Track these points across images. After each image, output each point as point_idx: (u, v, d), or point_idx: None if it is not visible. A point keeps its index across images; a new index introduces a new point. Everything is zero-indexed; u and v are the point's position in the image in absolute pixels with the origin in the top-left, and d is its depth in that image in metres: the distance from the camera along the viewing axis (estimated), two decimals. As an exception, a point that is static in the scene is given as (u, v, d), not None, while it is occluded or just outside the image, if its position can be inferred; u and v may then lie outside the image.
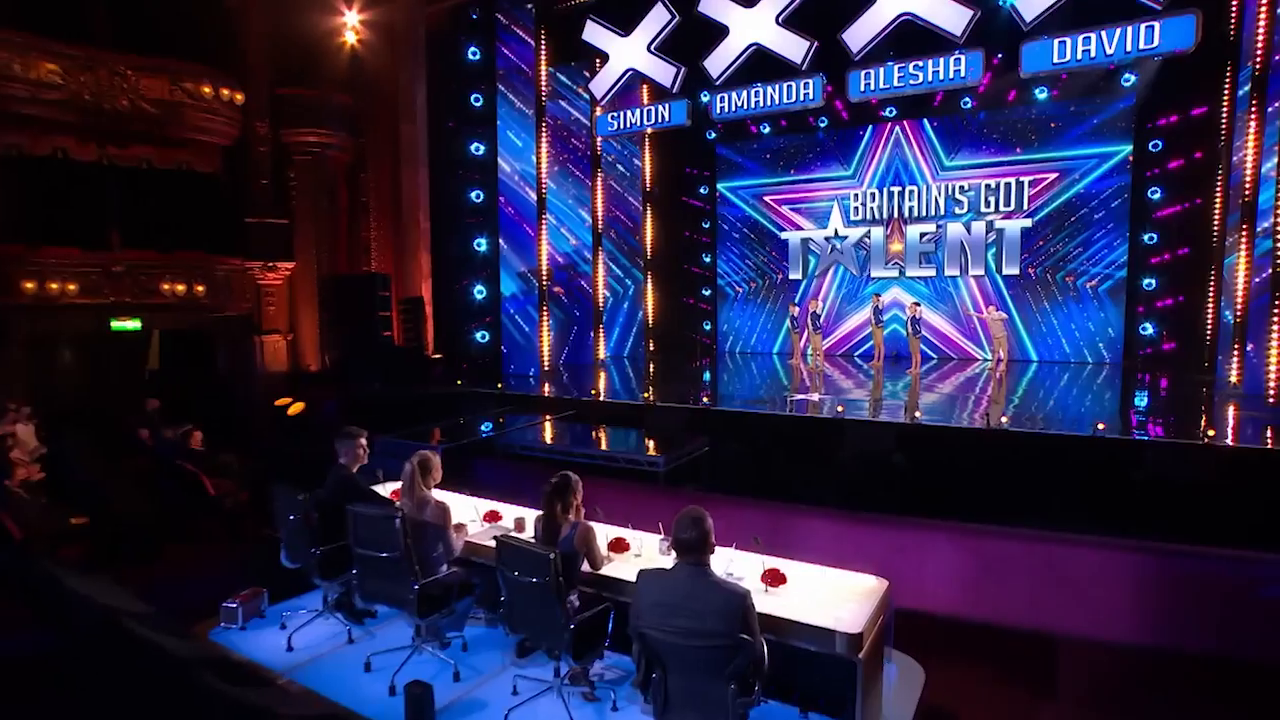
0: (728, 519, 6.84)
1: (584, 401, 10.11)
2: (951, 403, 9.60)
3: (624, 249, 15.58)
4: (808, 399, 9.88)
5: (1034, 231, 13.52)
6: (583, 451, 8.05)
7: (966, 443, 7.60)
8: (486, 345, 12.34)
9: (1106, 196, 12.94)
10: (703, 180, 16.70)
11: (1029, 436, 7.34)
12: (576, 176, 13.99)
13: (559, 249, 13.55)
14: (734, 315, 16.65)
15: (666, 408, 9.48)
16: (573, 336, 14.06)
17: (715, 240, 16.65)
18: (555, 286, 13.47)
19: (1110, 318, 13.07)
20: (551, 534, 4.10)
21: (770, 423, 8.78)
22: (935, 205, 14.22)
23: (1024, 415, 8.39)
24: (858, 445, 8.01)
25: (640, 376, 13.37)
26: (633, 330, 15.95)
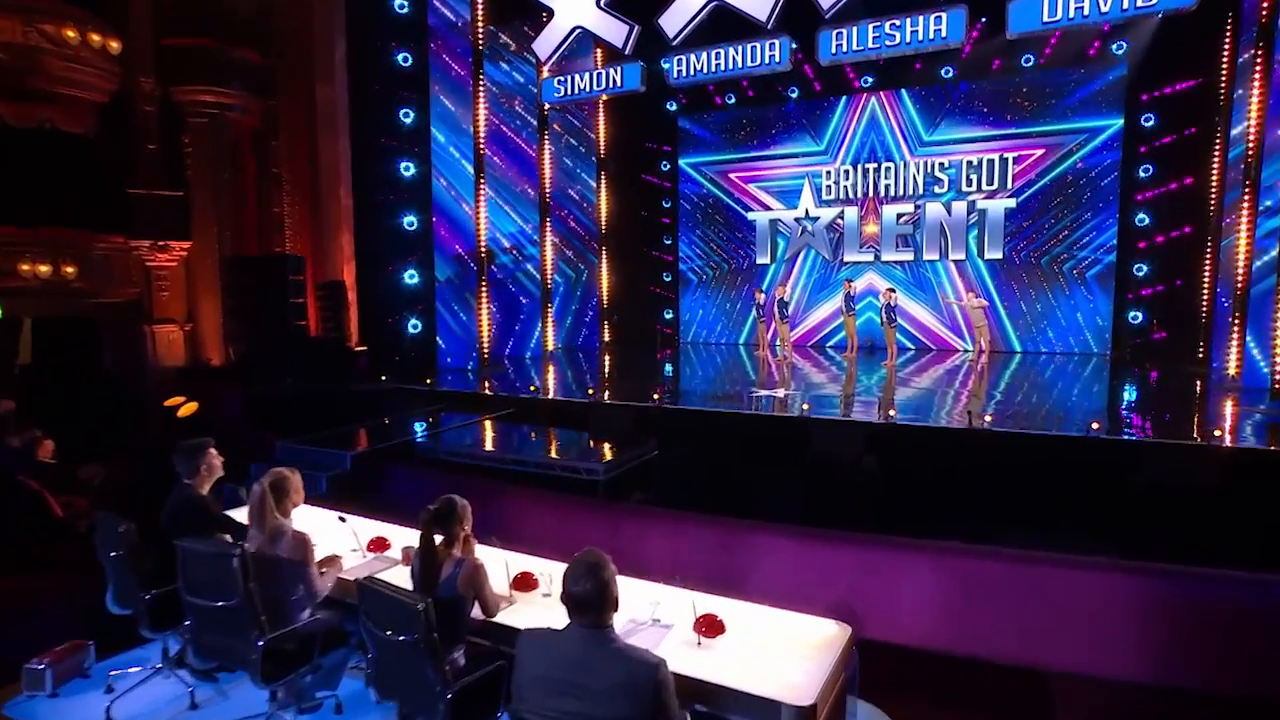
0: (672, 538, 6.29)
1: (523, 399, 9.53)
2: (930, 399, 9.28)
3: (576, 230, 15.09)
4: (773, 395, 9.40)
5: (1018, 212, 13.35)
6: (514, 457, 7.40)
7: (946, 444, 7.23)
8: (419, 336, 11.67)
9: (1096, 174, 12.76)
10: (663, 155, 16.25)
11: (1014, 437, 6.97)
12: (521, 149, 13.35)
13: (501, 229, 12.95)
14: (697, 302, 16.32)
15: (613, 406, 8.95)
16: (518, 326, 13.51)
17: (676, 221, 16.25)
18: (497, 271, 12.95)
19: (1099, 305, 12.93)
20: (430, 575, 3.39)
21: (728, 423, 8.30)
22: (913, 184, 14.00)
23: (1008, 412, 8.12)
24: (825, 448, 7.54)
25: (592, 370, 12.96)
26: (586, 319, 15.50)
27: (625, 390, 10.41)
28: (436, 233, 11.66)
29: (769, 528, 5.97)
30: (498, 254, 12.98)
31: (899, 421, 7.67)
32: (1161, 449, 6.56)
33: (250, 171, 12.71)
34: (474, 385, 10.83)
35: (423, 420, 8.94)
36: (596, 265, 15.48)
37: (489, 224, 12.49)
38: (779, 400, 9.08)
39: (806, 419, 7.91)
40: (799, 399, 9.04)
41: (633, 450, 7.56)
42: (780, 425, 8.07)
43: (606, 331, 15.68)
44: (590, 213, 15.29)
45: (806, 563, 5.83)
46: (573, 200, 14.97)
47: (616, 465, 7.28)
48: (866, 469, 7.25)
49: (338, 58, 11.81)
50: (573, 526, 6.55)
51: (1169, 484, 6.22)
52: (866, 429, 7.50)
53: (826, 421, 7.85)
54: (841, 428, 7.67)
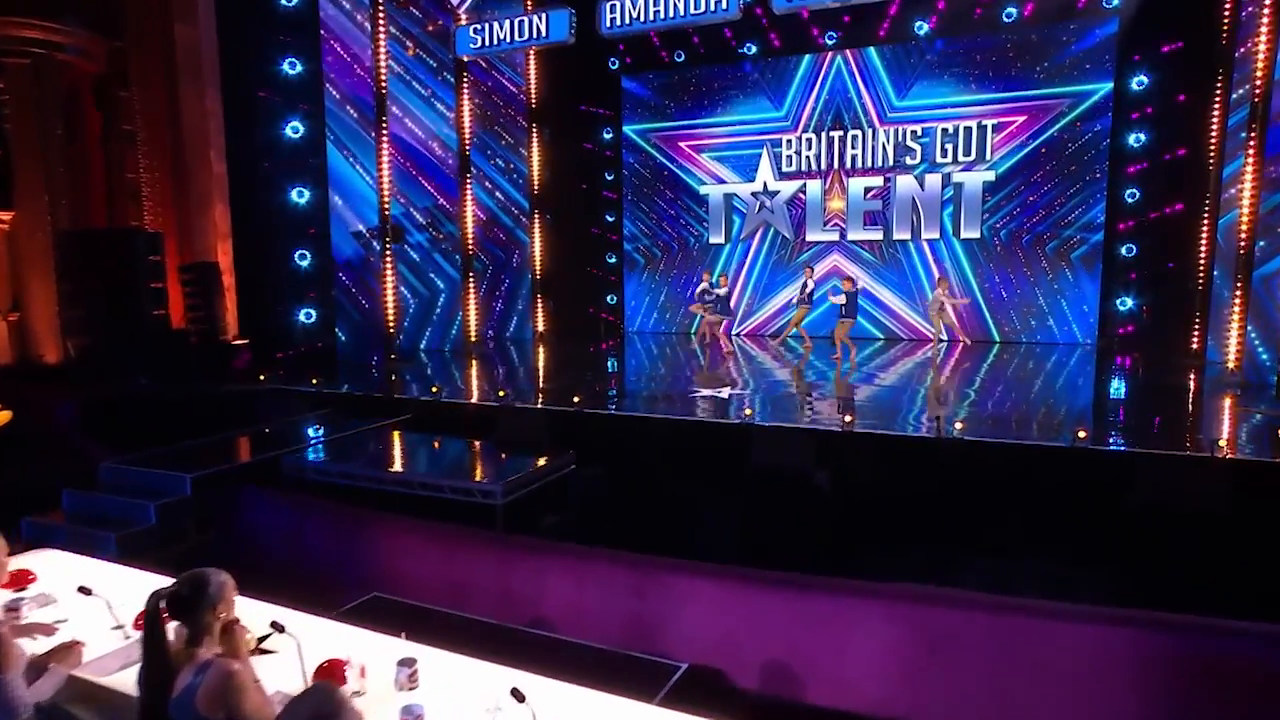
0: (576, 580, 5.48)
1: (425, 402, 8.74)
2: (896, 399, 8.83)
3: (505, 205, 14.46)
4: (716, 395, 8.75)
5: (997, 186, 13.12)
6: (396, 477, 6.56)
7: (910, 456, 6.73)
8: (313, 328, 10.76)
9: (1082, 144, 12.50)
10: (604, 121, 15.73)
11: (988, 449, 6.50)
12: (437, 111, 12.52)
13: (416, 203, 12.27)
14: (643, 287, 15.93)
15: (526, 411, 8.22)
16: (436, 314, 12.87)
17: (620, 195, 15.82)
18: (411, 251, 12.29)
19: (1084, 290, 12.75)
20: (157, 690, 2.51)
21: (658, 431, 7.66)
22: (883, 154, 13.71)
23: (984, 414, 7.77)
24: (769, 461, 6.86)
25: (518, 365, 12.42)
26: (517, 306, 14.89)
27: (548, 390, 9.82)
28: (333, 206, 10.84)
29: (692, 568, 5.26)
30: (410, 231, 12.31)
31: (858, 429, 7.06)
32: (1155, 462, 6.07)
33: (92, 128, 11.41)
34: (378, 384, 10.08)
35: (304, 428, 8.07)
36: (529, 245, 14.80)
37: (397, 196, 11.77)
38: (721, 402, 8.51)
39: (749, 426, 7.33)
40: (744, 401, 8.49)
41: (542, 466, 6.79)
42: (718, 433, 7.50)
43: (540, 320, 15.05)
44: (521, 186, 14.61)
45: (736, 611, 5.12)
46: (500, 171, 14.35)
47: (519, 485, 6.50)
48: (817, 486, 6.66)
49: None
50: (458, 567, 5.77)
51: (1167, 505, 5.68)
52: (818, 438, 6.88)
53: (772, 430, 7.25)
54: (789, 437, 7.05)
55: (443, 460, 7.36)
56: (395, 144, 11.94)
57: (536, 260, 14.95)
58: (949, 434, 6.70)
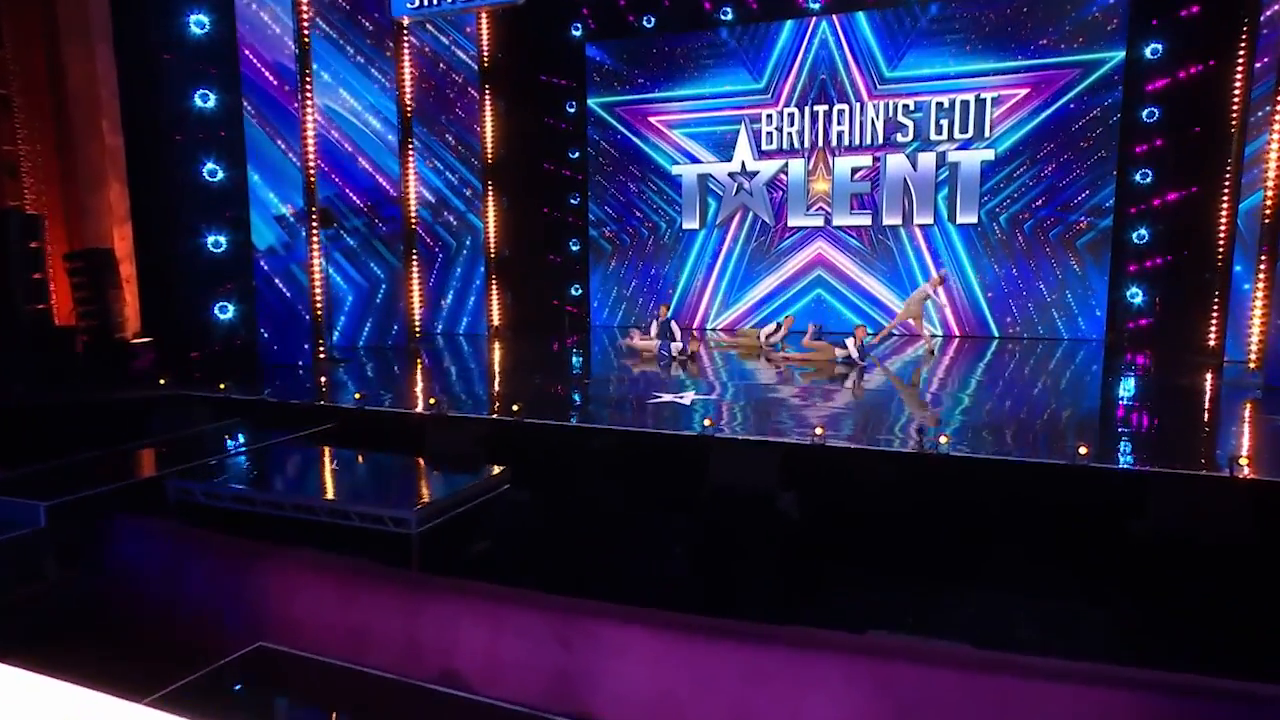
0: (493, 628, 4.97)
1: (346, 410, 8.24)
2: (879, 405, 8.50)
3: (456, 186, 14.19)
4: (677, 401, 8.38)
5: (997, 166, 12.96)
6: (299, 501, 6.00)
7: (888, 474, 6.29)
8: (231, 323, 10.25)
9: (1091, 119, 12.31)
10: (567, 94, 15.44)
11: (977, 467, 6.09)
12: (373, 78, 11.98)
13: (353, 183, 11.93)
14: (611, 277, 15.74)
15: (458, 421, 7.68)
16: (376, 308, 12.51)
17: (585, 175, 15.58)
18: (347, 236, 11.93)
19: (1091, 280, 12.63)
20: None
21: (604, 444, 7.19)
22: (872, 131, 13.55)
23: (978, 421, 7.41)
24: (728, 480, 6.34)
25: (466, 366, 12.02)
26: (470, 297, 14.55)
27: (490, 396, 9.40)
28: (253, 186, 10.35)
29: (627, 615, 4.71)
30: (346, 215, 11.91)
31: (830, 443, 6.61)
32: (1167, 482, 5.64)
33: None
34: (301, 389, 9.61)
35: (201, 442, 7.48)
36: (482, 231, 14.40)
37: (331, 175, 11.37)
38: (681, 407, 8.09)
39: (706, 438, 6.85)
40: (709, 408, 8.05)
41: (469, 488, 6.24)
42: (672, 447, 7.01)
43: (495, 313, 14.63)
44: (474, 165, 14.23)
45: (677, 666, 4.58)
46: (449, 148, 14.06)
47: (438, 511, 5.93)
48: (782, 510, 6.16)
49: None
50: (359, 610, 5.20)
51: (1181, 533, 5.23)
52: (783, 453, 6.39)
53: (731, 443, 6.83)
54: (750, 451, 6.57)
55: (356, 481, 6.82)
56: (327, 117, 11.39)
57: (491, 247, 14.53)
58: (933, 448, 6.24)
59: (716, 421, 7.39)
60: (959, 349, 12.20)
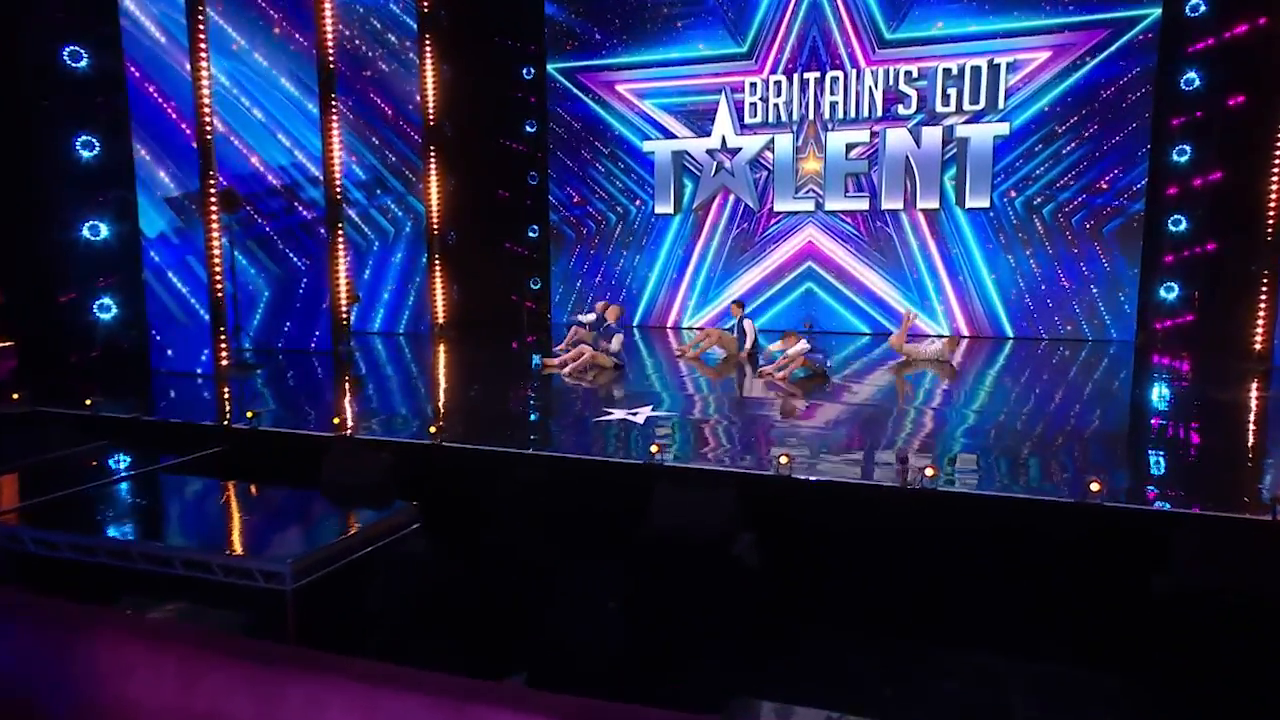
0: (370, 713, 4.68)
1: (238, 431, 7.93)
2: (862, 428, 8.08)
3: (395, 163, 14.11)
4: (629, 419, 7.99)
5: (1012, 142, 12.87)
6: (149, 550, 5.53)
7: (866, 513, 6.01)
8: (114, 324, 10.08)
9: (1122, 88, 12.16)
10: (523, 58, 15.38)
11: (972, 504, 5.80)
12: (289, 38, 11.63)
13: (267, 161, 11.80)
14: (575, 267, 15.75)
15: (365, 445, 7.31)
16: (297, 306, 12.37)
17: (545, 152, 15.54)
18: (262, 221, 11.82)
19: (1120, 273, 12.54)
20: None
21: (533, 473, 6.87)
22: (870, 101, 13.49)
23: (979, 443, 7.20)
24: (674, 520, 6.03)
25: (396, 374, 11.80)
26: (411, 291, 14.53)
27: (412, 413, 9.03)
28: (141, 164, 10.11)
29: (536, 703, 4.40)
30: (261, 195, 11.93)
31: (798, 474, 6.22)
32: (1196, 526, 5.31)
33: None
34: (196, 402, 9.36)
35: (47, 473, 7.07)
36: (425, 215, 14.27)
37: (241, 148, 11.41)
38: (633, 427, 7.72)
39: (652, 468, 6.49)
40: (662, 427, 7.75)
41: (364, 530, 5.91)
42: (611, 478, 6.69)
43: (441, 309, 14.48)
44: (415, 139, 14.05)
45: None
46: (386, 121, 13.92)
47: (324, 561, 5.52)
48: (737, 557, 5.85)
49: None
50: (205, 693, 4.80)
51: (1212, 588, 4.97)
52: (742, 486, 6.08)
53: (679, 473, 6.45)
54: (702, 485, 6.24)
55: (227, 523, 6.42)
56: (233, 80, 11.16)
57: (435, 233, 14.35)
58: (916, 482, 5.86)
59: (669, 446, 7.06)
60: (966, 353, 12.07)
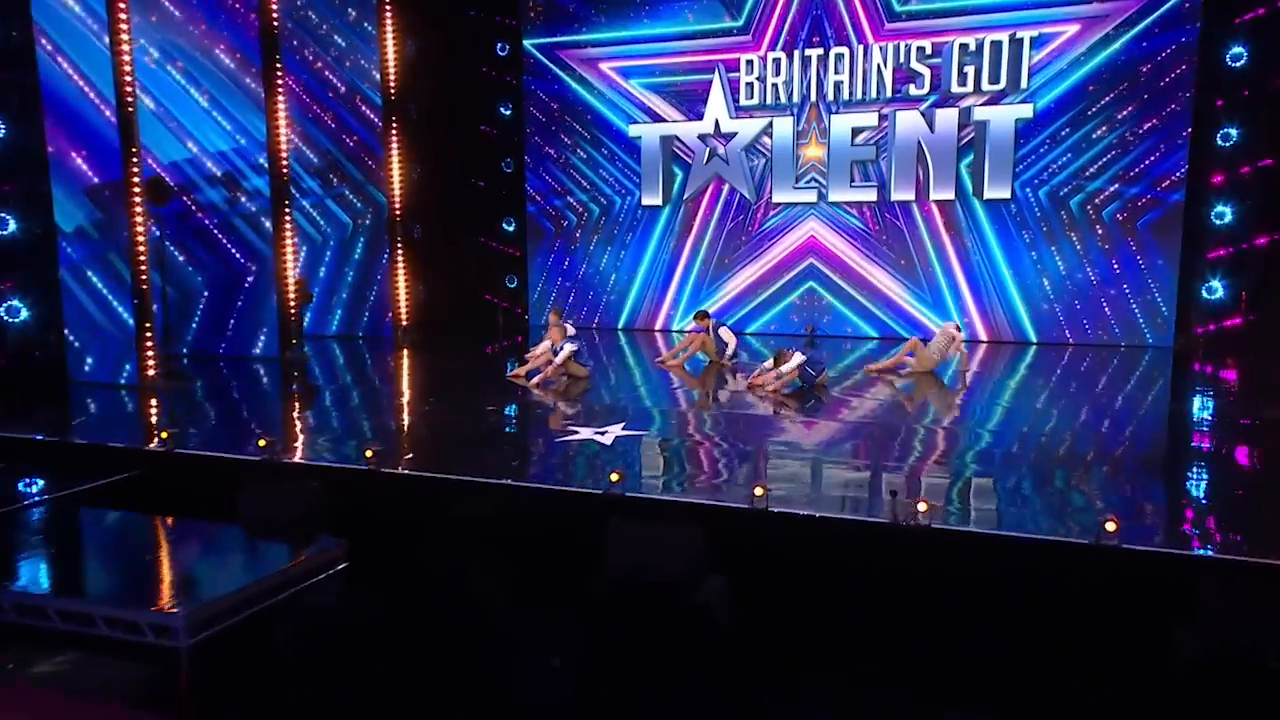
0: None
1: (152, 454, 7.80)
2: (856, 451, 7.90)
3: (353, 149, 14.06)
4: (596, 439, 7.78)
5: (1036, 126, 12.80)
6: (21, 600, 5.38)
7: (850, 554, 5.91)
8: (25, 328, 9.97)
9: (1159, 64, 12.08)
10: (499, 32, 15.34)
11: (969, 543, 5.67)
12: (228, 5, 11.50)
13: (205, 145, 11.70)
14: (556, 264, 15.80)
15: (290, 472, 7.19)
16: (240, 307, 12.33)
17: (522, 137, 15.54)
18: (201, 214, 11.76)
19: (1157, 271, 12.48)
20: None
21: (476, 504, 6.77)
22: (878, 81, 13.40)
23: (981, 478, 6.94)
24: (634, 562, 5.86)
25: (347, 386, 11.71)
26: (372, 290, 14.51)
27: (351, 432, 8.82)
28: (55, 154, 9.99)
29: None
30: (198, 184, 11.83)
31: (775, 506, 6.04)
32: (1228, 574, 5.17)
33: None
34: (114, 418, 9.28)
35: None
36: (387, 206, 14.21)
37: (175, 131, 11.34)
38: (599, 449, 7.51)
39: (613, 499, 6.31)
40: (635, 450, 7.57)
41: (280, 573, 5.79)
42: (566, 510, 6.55)
43: (405, 310, 14.40)
44: (374, 124, 13.98)
45: None
46: (343, 100, 13.81)
47: (227, 610, 5.38)
48: (704, 605, 5.72)
49: None
50: None
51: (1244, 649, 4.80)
52: (710, 522, 5.92)
53: (644, 505, 6.30)
54: (666, 519, 6.06)
55: (120, 563, 6.27)
56: (164, 54, 11.05)
57: (399, 227, 14.28)
58: (909, 519, 5.67)
59: (635, 472, 6.95)
60: (984, 359, 12.00)
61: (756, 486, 6.08)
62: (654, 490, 6.66)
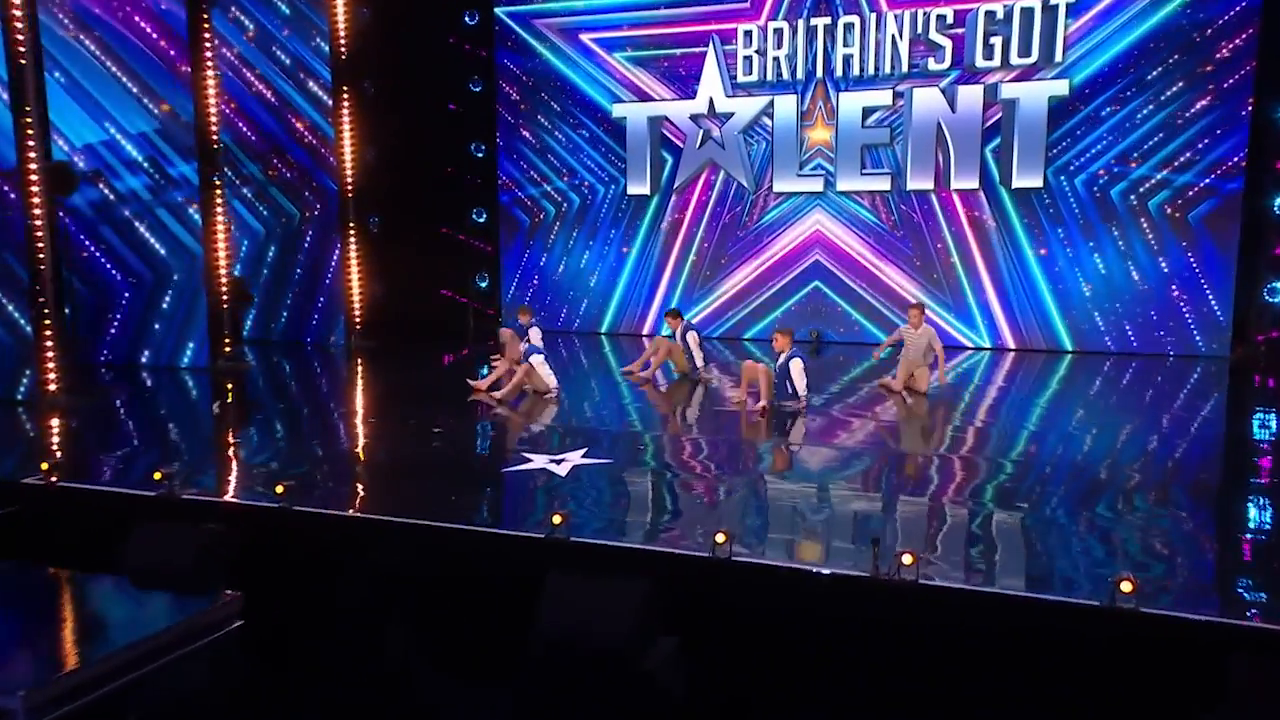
0: None
1: (32, 488, 7.58)
2: (844, 483, 7.71)
3: (299, 130, 14.05)
4: (549, 469, 7.58)
5: (1072, 106, 12.77)
6: None
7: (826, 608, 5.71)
8: None
9: (1217, 32, 12.01)
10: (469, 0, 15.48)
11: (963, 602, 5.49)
12: None
13: (124, 126, 11.68)
14: (532, 259, 15.86)
15: (182, 510, 6.89)
16: (164, 310, 12.25)
17: (494, 117, 15.56)
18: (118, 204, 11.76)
19: (1211, 270, 12.44)
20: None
21: (389, 555, 6.54)
22: (893, 54, 13.40)
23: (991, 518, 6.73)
24: (570, 622, 5.58)
25: (280, 403, 11.61)
26: (321, 291, 14.52)
27: (273, 458, 8.63)
28: None
29: None
30: (116, 170, 11.82)
31: (741, 556, 5.83)
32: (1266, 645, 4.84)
33: None
34: None
35: None
36: (338, 194, 14.19)
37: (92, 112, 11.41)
38: (552, 479, 7.35)
39: (555, 544, 6.05)
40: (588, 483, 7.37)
41: (156, 637, 5.38)
42: (498, 558, 6.34)
43: (358, 313, 14.56)
44: (323, 102, 13.94)
45: None
46: (285, 74, 13.79)
47: (85, 685, 4.87)
48: (653, 672, 5.50)
49: None
50: None
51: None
52: (658, 573, 5.70)
53: (586, 552, 6.07)
54: (610, 569, 5.85)
55: None
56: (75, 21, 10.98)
57: (352, 218, 14.25)
58: (891, 572, 5.44)
59: (586, 509, 6.77)
60: (1010, 371, 12.03)
61: (719, 532, 5.83)
62: (605, 534, 6.40)
